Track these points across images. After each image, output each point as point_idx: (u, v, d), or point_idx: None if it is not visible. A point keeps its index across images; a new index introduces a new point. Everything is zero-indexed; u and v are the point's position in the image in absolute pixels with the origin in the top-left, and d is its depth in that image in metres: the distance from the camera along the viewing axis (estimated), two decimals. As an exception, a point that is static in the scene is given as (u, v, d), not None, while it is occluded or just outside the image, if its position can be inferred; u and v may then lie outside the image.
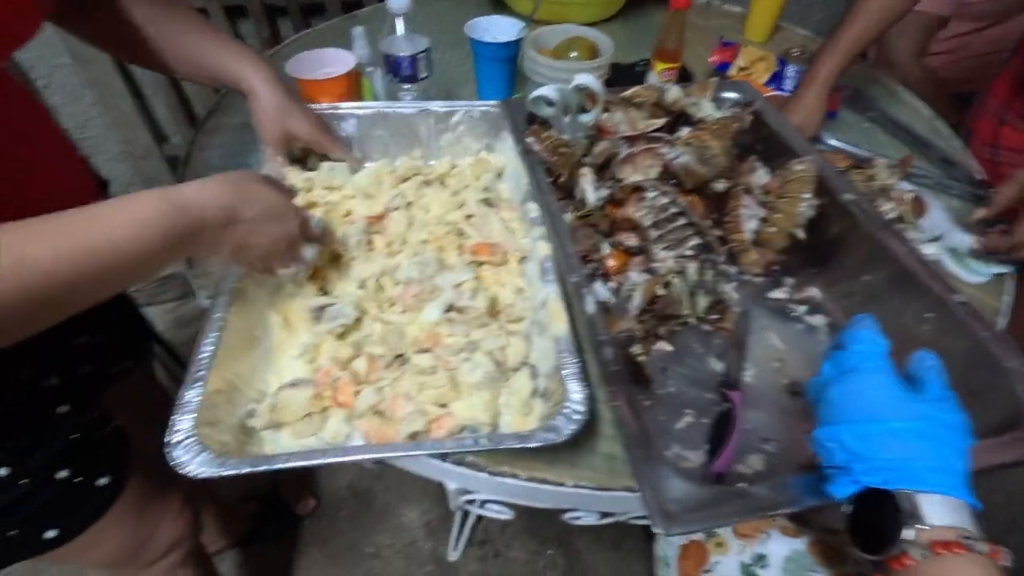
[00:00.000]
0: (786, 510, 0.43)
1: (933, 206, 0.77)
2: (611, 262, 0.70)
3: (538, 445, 0.45)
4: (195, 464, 0.43)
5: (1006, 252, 0.70)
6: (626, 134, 0.74)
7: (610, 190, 0.72)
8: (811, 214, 0.67)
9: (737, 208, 0.68)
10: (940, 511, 0.37)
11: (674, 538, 0.68)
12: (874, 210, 0.66)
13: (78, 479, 0.54)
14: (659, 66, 0.90)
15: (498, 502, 0.65)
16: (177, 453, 0.43)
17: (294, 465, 0.44)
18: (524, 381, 0.55)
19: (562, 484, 0.53)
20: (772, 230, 0.69)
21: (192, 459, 0.43)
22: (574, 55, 0.90)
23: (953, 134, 0.97)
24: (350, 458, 0.45)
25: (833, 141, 0.91)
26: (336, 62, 0.81)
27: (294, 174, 0.71)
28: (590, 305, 0.55)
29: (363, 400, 0.53)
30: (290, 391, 0.52)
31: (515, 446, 0.45)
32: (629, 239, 0.71)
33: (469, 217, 0.68)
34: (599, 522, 0.63)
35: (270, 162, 0.70)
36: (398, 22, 0.79)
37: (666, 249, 0.70)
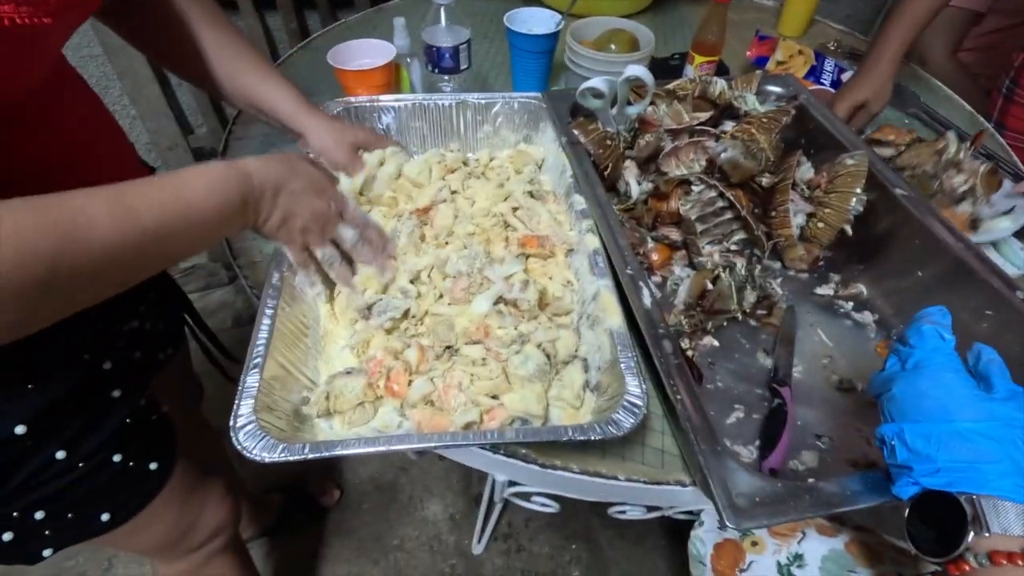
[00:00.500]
0: (854, 507, 0.43)
1: (1006, 181, 0.74)
2: (655, 256, 0.70)
3: (599, 438, 0.45)
4: (259, 449, 0.43)
5: None
6: (670, 127, 0.74)
7: (653, 183, 0.72)
8: (861, 209, 0.67)
9: (785, 203, 0.67)
10: (1005, 518, 0.35)
11: (708, 536, 0.67)
12: (928, 203, 0.65)
13: (131, 463, 0.54)
14: (698, 59, 0.89)
15: (545, 495, 0.65)
16: (240, 437, 0.44)
17: (354, 452, 0.45)
18: (576, 374, 0.54)
19: (615, 477, 0.52)
20: (820, 225, 0.68)
21: (255, 444, 0.43)
22: (614, 47, 0.89)
23: (994, 131, 0.96)
24: (409, 447, 0.45)
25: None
26: (376, 53, 0.81)
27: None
28: (647, 298, 0.54)
29: (416, 390, 0.52)
30: (344, 379, 0.52)
31: (577, 438, 0.45)
32: (672, 233, 0.71)
33: (515, 209, 0.67)
34: (645, 516, 0.63)
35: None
36: (441, 12, 0.78)
37: (711, 243, 0.70)
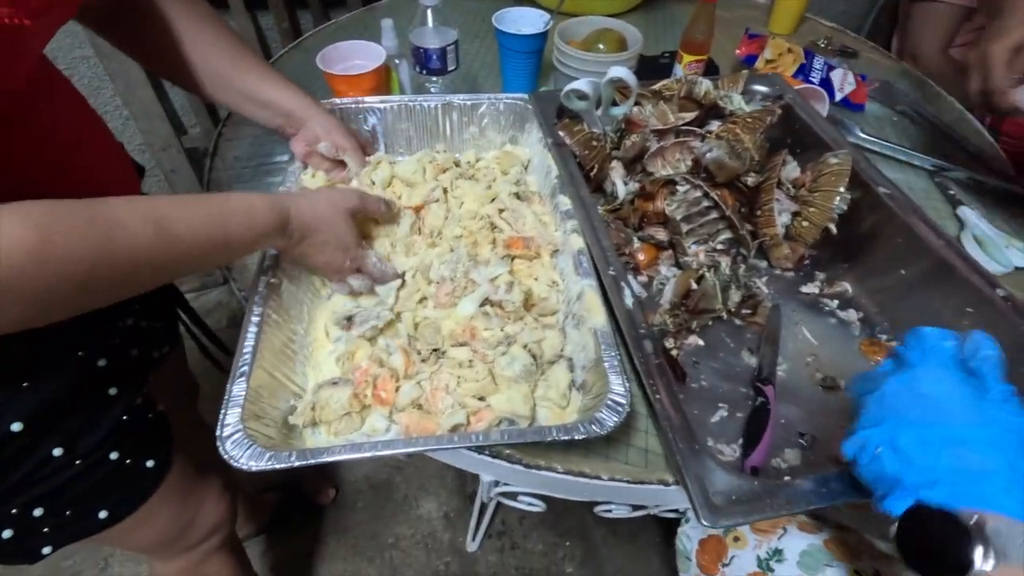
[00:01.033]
0: (829, 503, 0.43)
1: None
2: (641, 256, 0.70)
3: (583, 437, 0.46)
4: (245, 457, 0.44)
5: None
6: (656, 128, 0.74)
7: (640, 183, 0.72)
8: (845, 208, 0.67)
9: (770, 202, 0.68)
10: (1013, 539, 0.31)
11: (694, 532, 0.68)
12: (911, 202, 0.65)
13: (128, 461, 0.55)
14: (686, 58, 0.89)
15: (531, 494, 0.65)
16: (228, 447, 0.44)
17: (341, 459, 0.45)
18: (562, 374, 0.55)
19: (599, 477, 0.53)
20: (805, 224, 0.69)
21: (242, 453, 0.44)
22: (602, 47, 0.89)
23: (983, 128, 0.96)
24: (395, 452, 0.46)
25: (862, 134, 0.90)
26: (365, 55, 0.81)
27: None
28: (628, 299, 0.55)
29: (404, 394, 0.53)
30: (330, 390, 0.53)
31: (561, 438, 0.46)
32: (658, 233, 0.71)
33: (502, 211, 0.68)
34: (631, 515, 0.64)
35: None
36: (428, 14, 0.78)
37: (697, 243, 0.70)
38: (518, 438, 0.47)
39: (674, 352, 0.62)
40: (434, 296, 0.60)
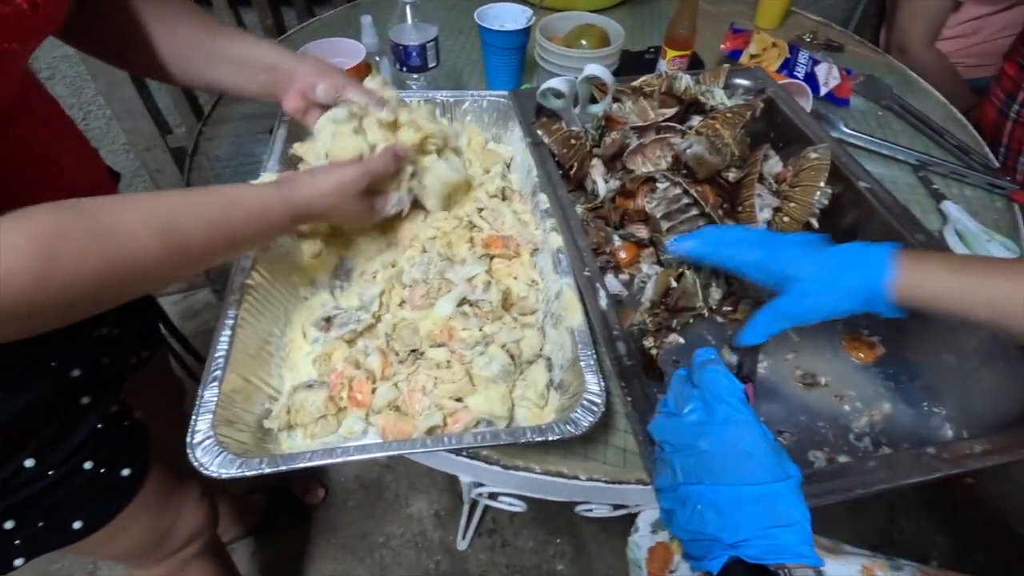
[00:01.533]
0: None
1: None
2: (623, 254, 0.70)
3: (557, 438, 0.45)
4: (215, 465, 0.43)
5: None
6: (636, 124, 0.73)
7: (620, 181, 0.72)
8: (825, 203, 0.67)
9: (751, 197, 0.67)
10: None
11: (643, 540, 0.67)
12: (892, 197, 0.65)
13: (102, 470, 0.54)
14: (670, 53, 0.89)
15: (511, 495, 0.65)
16: (198, 454, 0.43)
17: (313, 464, 0.44)
18: (540, 373, 0.55)
19: (576, 477, 0.53)
20: (786, 219, 0.68)
21: (212, 460, 0.43)
22: (584, 43, 0.89)
23: (968, 122, 0.96)
24: (369, 456, 0.45)
25: (846, 128, 0.89)
26: (346, 53, 0.80)
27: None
28: (603, 300, 0.54)
29: (380, 396, 0.52)
30: (305, 393, 0.52)
31: (535, 439, 0.45)
32: (639, 230, 0.71)
33: (481, 210, 0.67)
34: (611, 514, 0.64)
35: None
36: (407, 11, 0.78)
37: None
38: (492, 440, 0.47)
39: (654, 351, 0.62)
40: (409, 299, 0.59)
